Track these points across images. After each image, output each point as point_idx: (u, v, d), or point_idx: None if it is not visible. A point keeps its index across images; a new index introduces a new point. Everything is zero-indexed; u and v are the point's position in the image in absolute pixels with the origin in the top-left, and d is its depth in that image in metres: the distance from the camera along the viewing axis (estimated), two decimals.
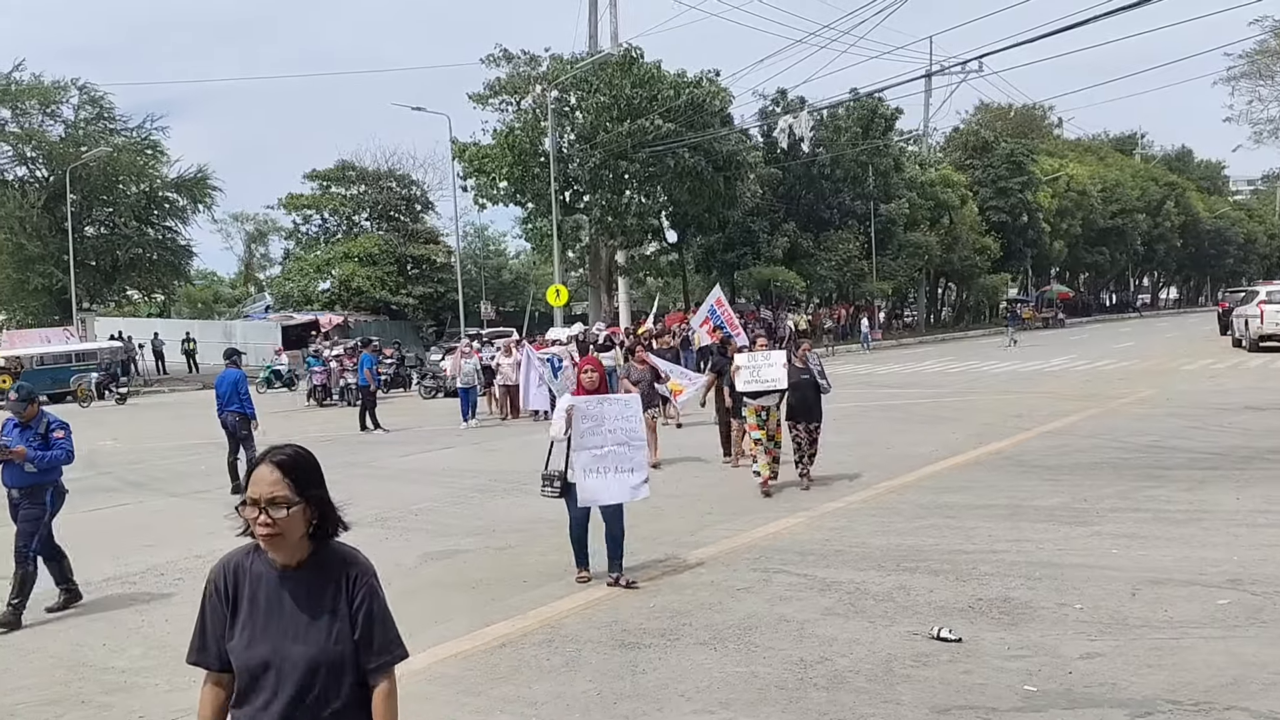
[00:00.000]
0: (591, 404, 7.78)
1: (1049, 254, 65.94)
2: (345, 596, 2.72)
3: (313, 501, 2.67)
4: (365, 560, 2.79)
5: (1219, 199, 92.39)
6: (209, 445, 16.90)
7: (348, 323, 44.28)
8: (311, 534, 2.69)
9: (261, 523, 2.58)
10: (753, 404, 11.63)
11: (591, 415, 7.74)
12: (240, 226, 69.52)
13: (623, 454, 7.72)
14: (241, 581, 2.71)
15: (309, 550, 2.70)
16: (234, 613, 2.71)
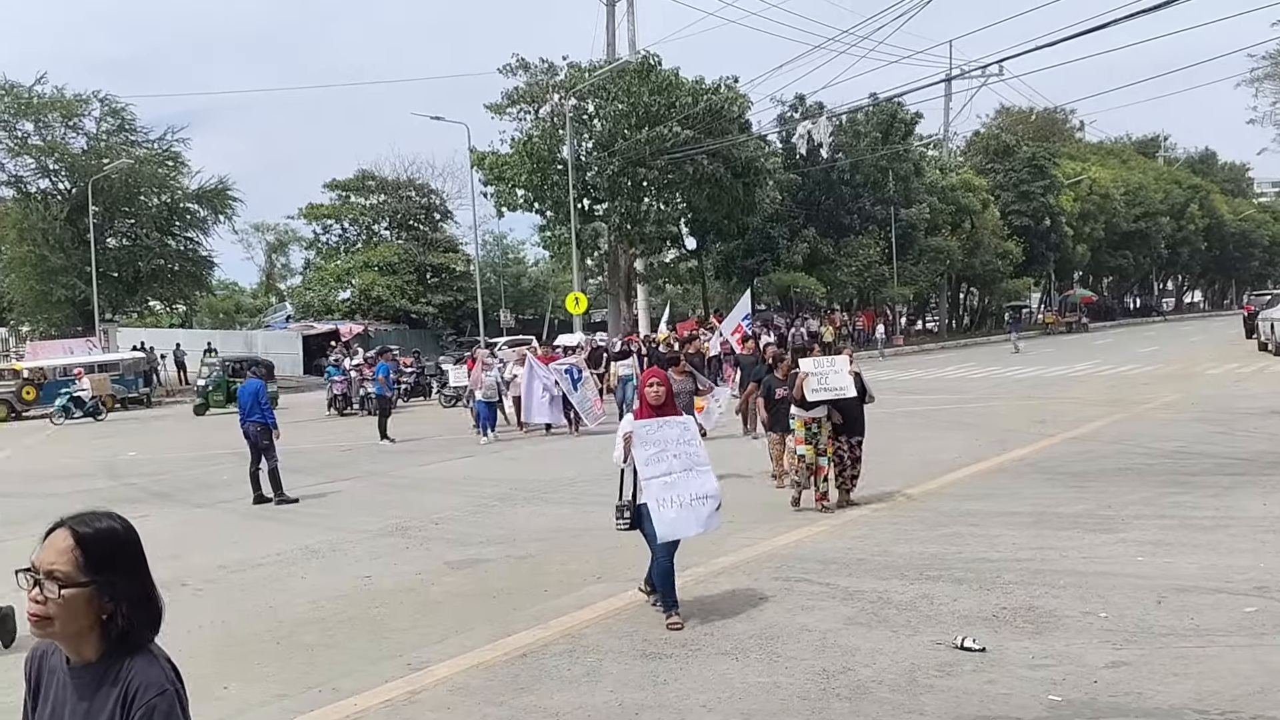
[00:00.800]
0: (651, 428, 7.09)
1: (1072, 258, 65.52)
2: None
3: (105, 590, 2.09)
4: (162, 680, 2.12)
5: (1243, 201, 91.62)
6: (231, 455, 16.97)
7: (368, 332, 44.46)
8: (105, 632, 2.11)
9: (31, 598, 2.07)
10: (803, 416, 10.71)
11: (653, 440, 7.08)
12: (261, 237, 70.00)
13: (692, 480, 7.06)
14: (43, 672, 2.25)
15: (99, 651, 2.12)
16: (34, 708, 2.25)
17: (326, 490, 14.34)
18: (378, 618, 7.71)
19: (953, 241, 52.46)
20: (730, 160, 39.37)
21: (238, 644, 7.26)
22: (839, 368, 10.76)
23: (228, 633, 7.53)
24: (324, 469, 16.53)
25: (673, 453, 7.09)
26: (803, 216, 47.50)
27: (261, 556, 10.04)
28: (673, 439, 7.14)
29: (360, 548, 10.28)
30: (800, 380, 10.69)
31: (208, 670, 6.70)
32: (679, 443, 7.15)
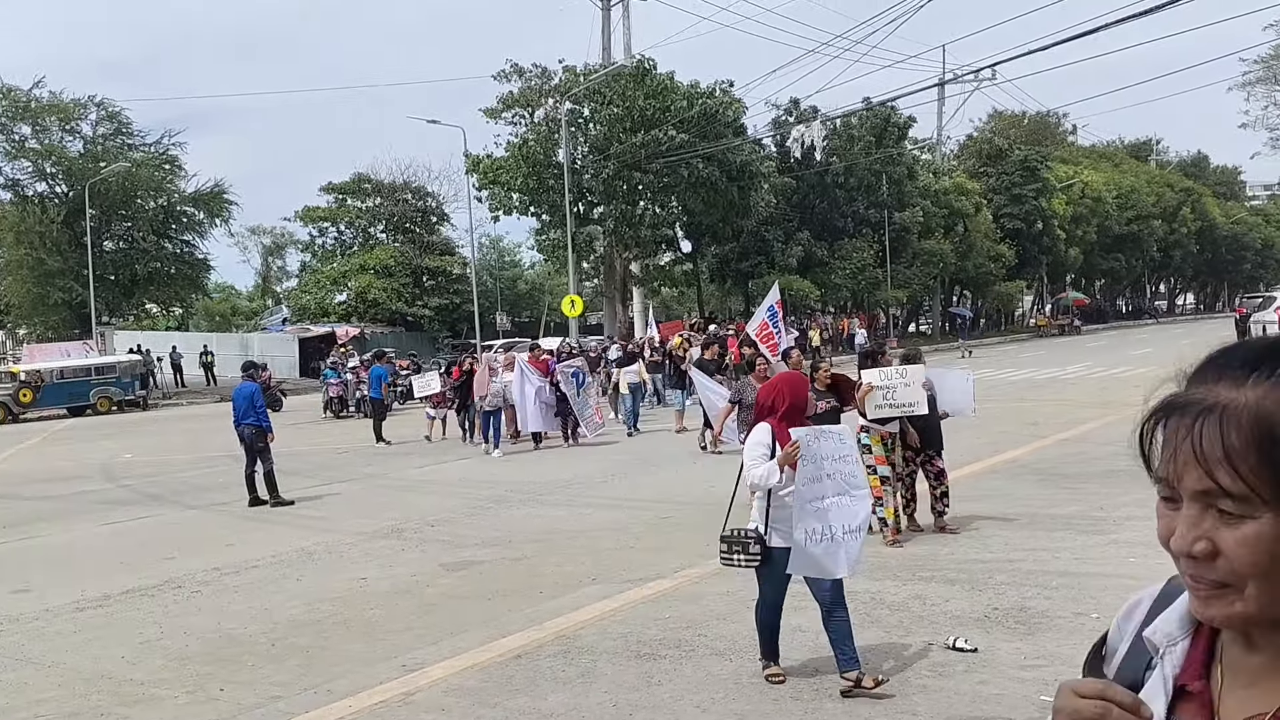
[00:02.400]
0: (811, 438, 5.74)
1: (1064, 261, 65.64)
2: None
3: None
4: None
5: (1236, 205, 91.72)
6: (226, 458, 16.99)
7: (364, 334, 44.45)
8: None
9: None
10: (879, 430, 9.45)
11: (811, 455, 5.71)
12: (257, 239, 69.98)
13: (845, 508, 5.73)
14: None
15: None
16: None
17: (322, 492, 14.37)
18: (373, 619, 7.74)
19: (946, 245, 52.57)
20: (725, 164, 39.45)
21: (232, 646, 7.29)
22: (911, 380, 9.41)
23: (222, 634, 7.55)
24: (320, 471, 16.55)
25: (826, 471, 5.77)
26: (797, 220, 47.58)
27: (257, 559, 10.07)
28: (828, 454, 5.81)
29: (356, 550, 10.31)
30: (863, 394, 9.42)
31: (202, 672, 6.73)
32: (835, 459, 5.84)
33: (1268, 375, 1.03)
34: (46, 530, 12.65)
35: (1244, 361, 1.06)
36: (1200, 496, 1.03)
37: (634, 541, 10.05)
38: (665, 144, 37.60)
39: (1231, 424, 1.01)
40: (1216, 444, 1.01)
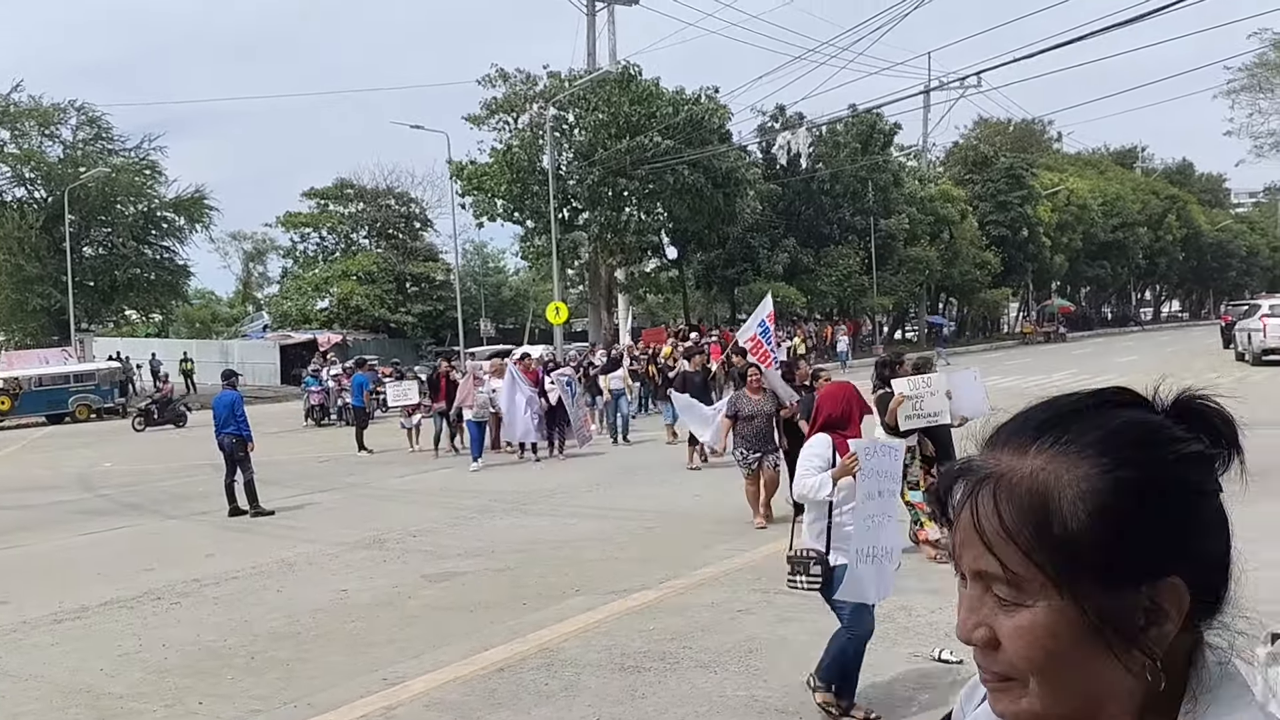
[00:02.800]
0: (869, 452, 5.40)
1: (1050, 268, 65.93)
2: None
3: None
4: None
5: (1221, 212, 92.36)
6: (206, 467, 16.83)
7: (346, 341, 44.25)
8: None
9: None
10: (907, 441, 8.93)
11: (869, 470, 5.35)
12: (238, 245, 69.71)
13: (887, 528, 5.45)
14: None
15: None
16: None
17: (303, 502, 14.23)
18: (353, 632, 7.64)
19: (931, 252, 52.71)
20: (711, 170, 39.46)
21: (211, 658, 7.17)
22: (936, 388, 9.16)
23: (202, 647, 7.44)
24: (300, 481, 16.40)
25: (880, 489, 5.42)
26: (783, 226, 47.64)
27: (236, 570, 9.94)
28: (884, 471, 5.43)
29: (336, 561, 10.19)
30: (895, 405, 9.06)
31: (181, 685, 6.62)
32: (888, 477, 5.47)
33: (1052, 443, 0.93)
34: (24, 540, 12.48)
35: (1034, 425, 0.95)
36: (979, 577, 0.92)
37: (618, 552, 9.97)
38: (651, 150, 37.59)
39: (1005, 496, 0.91)
40: (989, 519, 0.91)
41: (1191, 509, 0.91)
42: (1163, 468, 0.90)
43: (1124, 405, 0.97)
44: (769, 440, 11.00)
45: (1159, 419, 0.95)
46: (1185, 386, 1.00)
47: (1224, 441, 0.96)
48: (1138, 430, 0.93)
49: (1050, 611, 0.89)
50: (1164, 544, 0.89)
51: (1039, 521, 0.89)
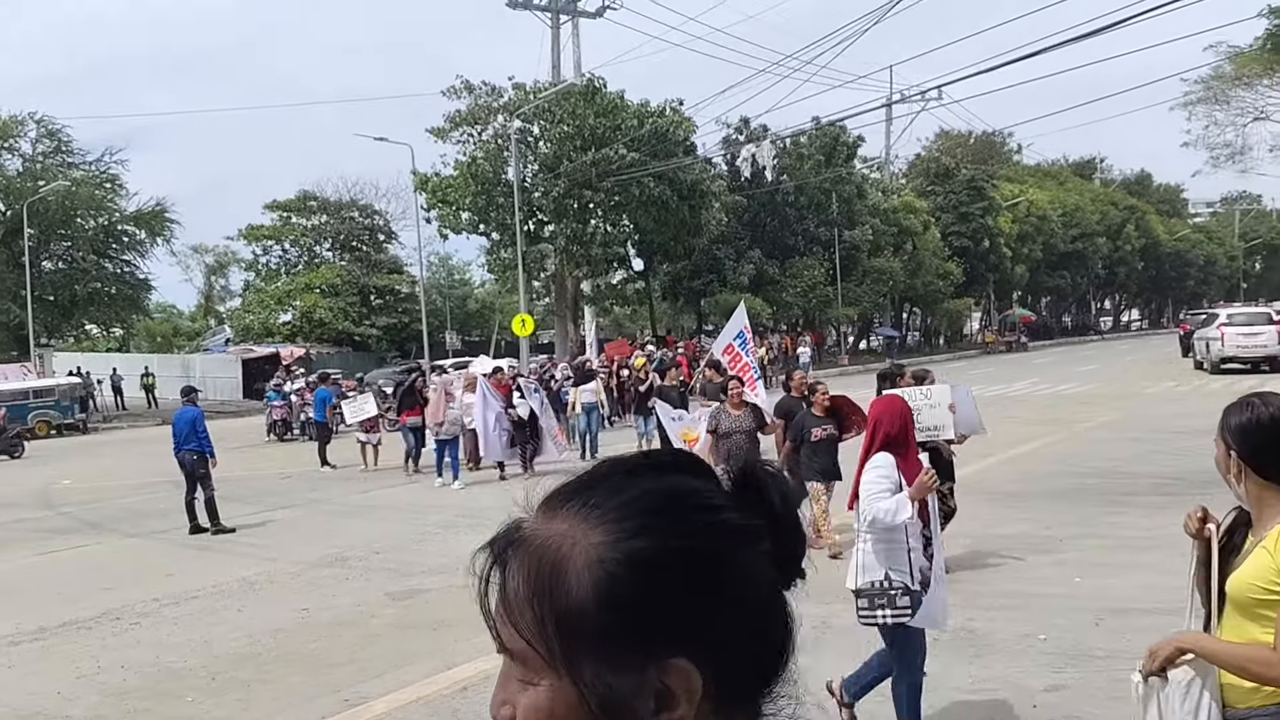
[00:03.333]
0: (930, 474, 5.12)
1: (1011, 278, 66.66)
2: None
3: None
4: None
5: (1179, 222, 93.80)
6: (167, 484, 16.64)
7: (309, 355, 43.92)
8: None
9: None
10: None
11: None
12: (200, 259, 69.03)
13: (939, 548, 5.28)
14: None
15: None
16: None
17: (264, 519, 14.10)
18: (315, 652, 7.57)
19: (895, 262, 53.15)
20: (676, 182, 39.56)
21: (171, 680, 7.09)
22: (937, 400, 8.57)
23: (161, 668, 7.35)
24: (262, 497, 16.24)
25: (932, 508, 5.20)
26: (748, 238, 47.85)
27: (197, 588, 9.83)
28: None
29: (298, 579, 10.10)
30: None
31: (140, 707, 6.53)
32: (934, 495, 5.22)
33: (579, 505, 0.85)
34: None
35: (574, 486, 0.88)
36: (504, 650, 0.85)
37: None
38: (616, 162, 37.63)
39: (518, 566, 0.84)
40: (511, 588, 0.84)
41: (716, 585, 0.82)
42: (683, 539, 0.82)
43: (673, 470, 0.89)
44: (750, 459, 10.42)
45: (697, 485, 0.87)
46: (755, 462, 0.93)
47: (779, 517, 0.88)
48: (663, 497, 0.85)
49: (550, 692, 0.82)
50: (675, 622, 0.81)
51: (547, 592, 0.82)
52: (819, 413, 9.94)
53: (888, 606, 4.94)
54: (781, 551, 0.87)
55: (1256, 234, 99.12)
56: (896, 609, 4.91)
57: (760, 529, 0.86)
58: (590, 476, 0.88)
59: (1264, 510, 2.64)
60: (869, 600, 4.96)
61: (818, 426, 9.85)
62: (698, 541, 0.83)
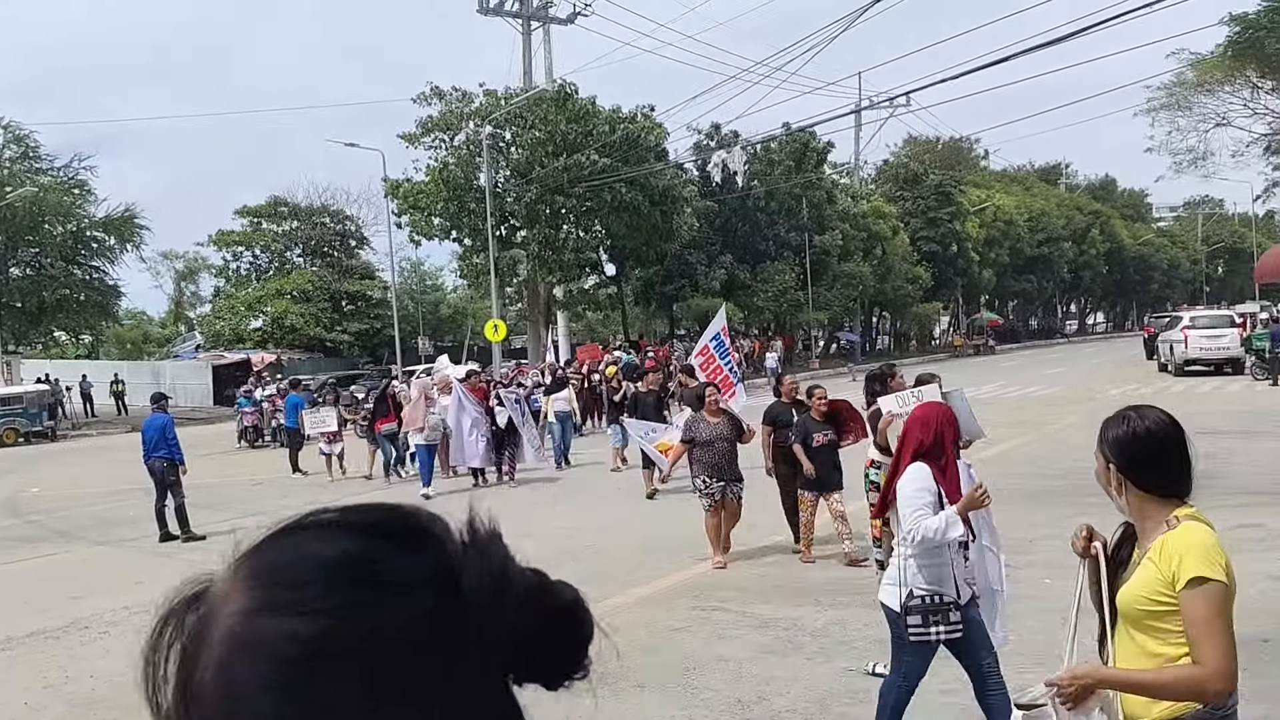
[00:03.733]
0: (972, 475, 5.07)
1: (978, 282, 67.22)
2: None
3: None
4: None
5: (1143, 226, 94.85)
6: (136, 491, 16.52)
7: (281, 361, 43.66)
8: None
9: None
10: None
11: None
12: (170, 264, 68.47)
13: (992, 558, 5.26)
14: None
15: None
16: None
17: (235, 526, 13.89)
18: None
19: (865, 267, 53.48)
20: (648, 188, 39.63)
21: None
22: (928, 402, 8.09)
23: (131, 678, 7.28)
24: (233, 504, 16.16)
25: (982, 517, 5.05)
26: (720, 243, 48.01)
27: None
28: None
29: None
30: (884, 425, 8.17)
31: (108, 717, 6.52)
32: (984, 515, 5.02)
33: (244, 561, 0.70)
34: None
35: (261, 538, 0.71)
36: None
37: (553, 571, 9.92)
38: (588, 168, 37.66)
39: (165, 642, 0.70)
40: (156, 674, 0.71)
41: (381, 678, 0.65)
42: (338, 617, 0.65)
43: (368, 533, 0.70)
44: (732, 468, 9.91)
45: (374, 549, 0.69)
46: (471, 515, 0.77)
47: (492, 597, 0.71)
48: (318, 561, 0.68)
49: None
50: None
51: (185, 674, 0.69)
52: (817, 417, 9.57)
53: (941, 623, 4.80)
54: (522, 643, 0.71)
55: (1219, 238, 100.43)
56: (950, 625, 4.79)
57: (473, 616, 0.69)
58: (278, 529, 0.72)
59: (1146, 523, 2.70)
60: (921, 617, 4.77)
61: (819, 431, 9.45)
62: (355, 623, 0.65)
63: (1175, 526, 2.61)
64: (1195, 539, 2.56)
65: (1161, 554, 2.57)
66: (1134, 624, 2.64)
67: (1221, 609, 2.50)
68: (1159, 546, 2.60)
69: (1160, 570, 2.57)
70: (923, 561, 4.77)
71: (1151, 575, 2.60)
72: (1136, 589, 2.63)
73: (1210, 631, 2.47)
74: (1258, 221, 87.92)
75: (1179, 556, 2.53)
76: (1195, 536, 2.57)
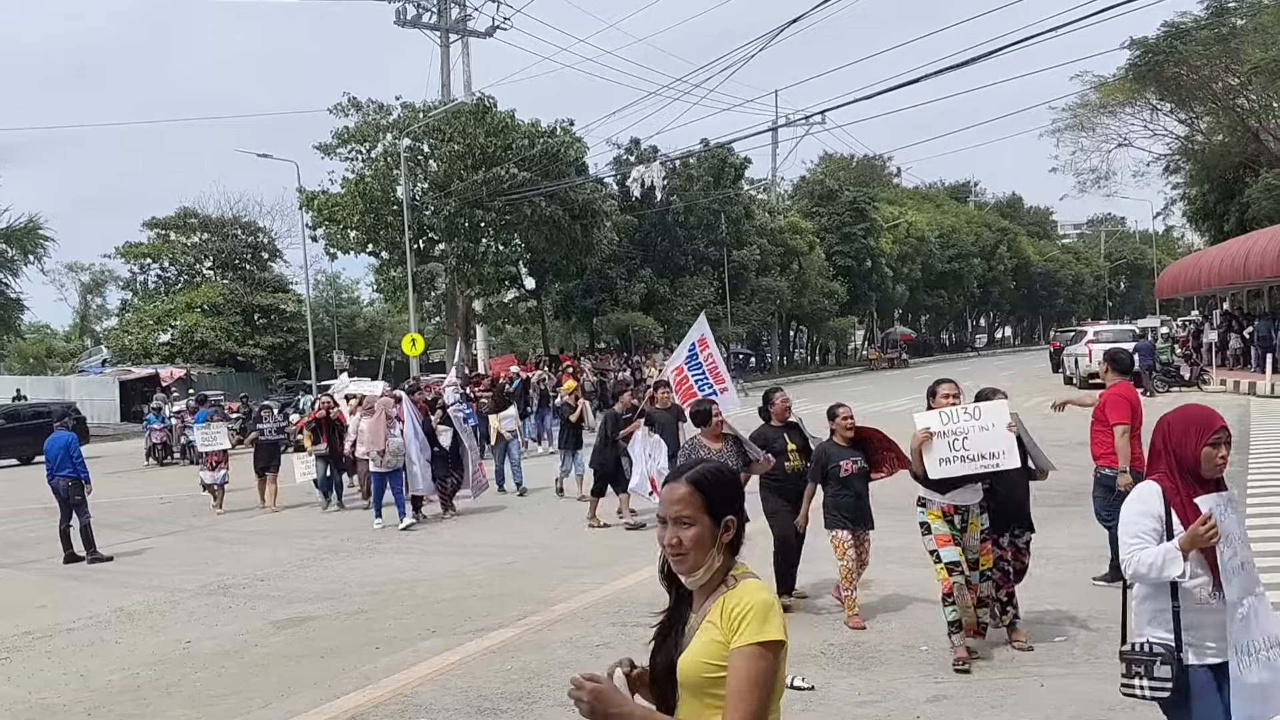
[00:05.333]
0: (1220, 508, 3.83)
1: (892, 297, 68.53)
2: None
3: None
4: None
5: (1048, 243, 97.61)
6: (40, 510, 15.99)
7: (190, 376, 42.66)
8: None
9: None
10: (940, 501, 6.85)
11: (1225, 536, 3.81)
12: (75, 277, 66.52)
13: (1264, 612, 4.02)
14: None
15: None
16: None
17: (144, 547, 13.65)
18: (197, 684, 7.36)
19: (782, 282, 54.15)
20: (568, 202, 39.61)
21: (46, 716, 6.84)
22: (990, 420, 6.71)
23: (35, 704, 7.07)
24: (141, 524, 15.73)
25: (1242, 560, 3.98)
26: (639, 257, 48.22)
27: (72, 620, 9.48)
28: (1239, 535, 3.98)
29: (180, 609, 9.81)
30: (919, 443, 6.89)
31: None
32: (1244, 541, 4.03)
33: None
34: None
35: None
36: None
37: (475, 590, 9.88)
38: (507, 182, 37.50)
39: None
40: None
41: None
42: None
43: None
44: None
45: None
46: None
47: None
48: None
49: None
50: None
51: None
52: (841, 441, 8.09)
53: (1144, 676, 3.98)
54: None
55: (1121, 254, 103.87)
56: (1154, 680, 3.94)
57: None
58: None
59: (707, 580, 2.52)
60: (1127, 666, 4.02)
61: (846, 459, 7.91)
62: None
63: (735, 585, 2.48)
64: (757, 598, 2.42)
65: (722, 618, 2.42)
66: (694, 692, 2.44)
67: (770, 673, 2.36)
68: (719, 608, 2.45)
69: (723, 632, 2.40)
70: (1142, 602, 4.02)
71: (713, 639, 2.42)
72: (698, 655, 2.43)
73: (751, 695, 2.32)
74: (1157, 239, 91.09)
75: (740, 617, 2.38)
76: (757, 595, 2.43)
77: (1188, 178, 47.26)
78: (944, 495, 6.82)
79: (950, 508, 6.83)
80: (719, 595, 2.48)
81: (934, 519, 6.82)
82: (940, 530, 6.76)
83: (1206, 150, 42.97)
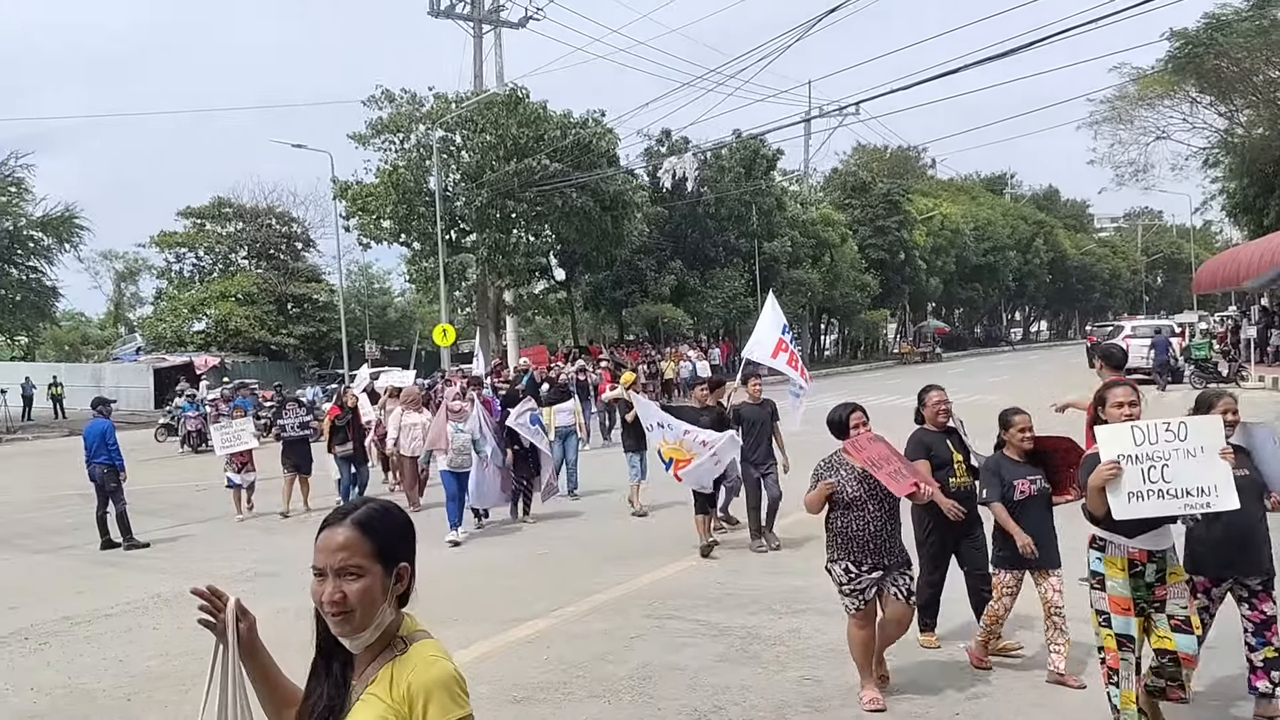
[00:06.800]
0: None
1: (925, 290, 68.04)
2: None
3: None
4: None
5: (1085, 236, 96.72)
6: (76, 497, 16.16)
7: (224, 364, 43.03)
8: None
9: None
10: (1126, 545, 4.98)
11: None
12: (110, 265, 67.20)
13: None
14: None
15: None
16: None
17: (179, 534, 13.76)
18: None
19: (813, 274, 53.85)
20: (598, 193, 39.58)
21: (85, 702, 6.89)
22: (1199, 442, 4.79)
23: (74, 690, 7.13)
24: (177, 511, 15.86)
25: None
26: (670, 249, 48.12)
27: (110, 606, 9.56)
28: None
29: None
30: (1104, 475, 4.81)
31: None
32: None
33: None
34: None
35: None
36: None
37: (509, 580, 9.89)
38: (539, 173, 37.53)
39: None
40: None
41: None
42: None
43: None
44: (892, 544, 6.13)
45: None
46: None
47: None
48: None
49: None
50: None
51: None
52: (1016, 455, 6.39)
53: None
54: None
55: (1158, 249, 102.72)
56: None
57: None
58: None
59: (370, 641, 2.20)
60: None
61: (1022, 478, 6.27)
62: None
63: (405, 650, 2.16)
64: (437, 673, 2.12)
65: (393, 691, 2.11)
66: None
67: None
68: (386, 678, 2.13)
69: (395, 712, 2.09)
70: None
71: (381, 716, 2.10)
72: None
73: None
74: (1195, 233, 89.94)
75: (423, 697, 2.08)
76: (435, 669, 2.12)
77: (1227, 171, 46.58)
78: (1132, 538, 4.95)
79: (1142, 554, 4.95)
80: (385, 660, 2.15)
81: (1113, 572, 4.97)
82: (1118, 591, 4.93)
83: (1246, 144, 42.31)
